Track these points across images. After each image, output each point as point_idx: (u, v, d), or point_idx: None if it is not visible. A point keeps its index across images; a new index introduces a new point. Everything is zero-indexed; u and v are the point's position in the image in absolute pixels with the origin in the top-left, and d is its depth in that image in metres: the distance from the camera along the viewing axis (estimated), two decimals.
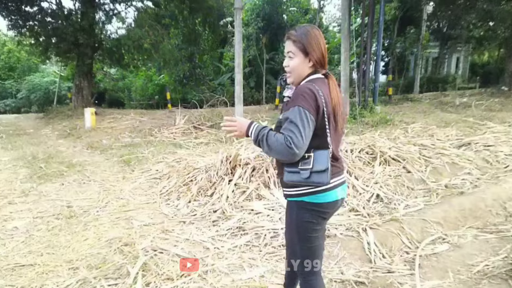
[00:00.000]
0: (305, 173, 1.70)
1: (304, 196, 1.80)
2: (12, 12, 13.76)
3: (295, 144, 1.61)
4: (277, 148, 1.66)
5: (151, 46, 12.72)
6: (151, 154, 7.46)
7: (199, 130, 9.67)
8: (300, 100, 1.67)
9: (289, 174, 1.76)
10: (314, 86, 1.72)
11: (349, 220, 3.95)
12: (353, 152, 5.70)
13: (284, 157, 1.67)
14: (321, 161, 1.70)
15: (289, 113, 1.68)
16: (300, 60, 1.80)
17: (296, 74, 1.83)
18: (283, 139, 1.63)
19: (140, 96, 20.22)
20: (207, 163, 5.54)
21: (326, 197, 1.79)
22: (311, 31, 1.80)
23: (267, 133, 1.71)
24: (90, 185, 5.57)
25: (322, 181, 1.70)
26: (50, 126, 11.94)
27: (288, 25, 19.81)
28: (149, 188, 5.44)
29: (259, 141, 1.73)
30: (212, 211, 4.35)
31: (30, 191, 5.32)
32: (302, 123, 1.63)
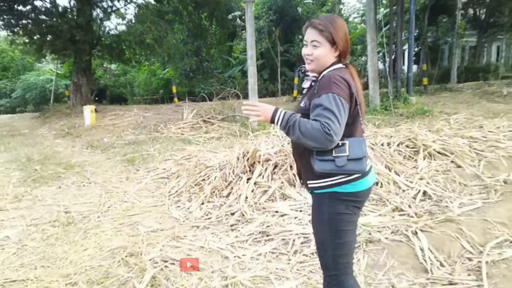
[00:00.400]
0: (341, 160, 1.72)
1: (338, 186, 1.79)
2: (4, 11, 13.84)
3: (334, 131, 1.62)
4: (312, 135, 1.65)
5: (154, 41, 12.57)
6: (157, 152, 7.22)
7: (209, 124, 9.41)
8: (334, 87, 1.70)
9: (321, 163, 1.75)
10: (343, 74, 1.77)
11: (393, 222, 3.62)
12: (390, 146, 5.35)
13: (320, 143, 1.66)
14: (357, 148, 1.74)
15: (323, 99, 1.69)
16: (326, 49, 1.83)
17: (319, 63, 1.86)
18: (320, 126, 1.63)
19: (143, 91, 20.10)
20: (221, 160, 5.25)
21: (362, 184, 1.81)
22: (337, 20, 1.85)
23: (299, 119, 1.71)
24: (90, 188, 5.34)
25: (360, 168, 1.74)
26: (47, 126, 11.83)
27: (304, 18, 19.84)
28: (156, 189, 5.18)
29: (289, 127, 1.71)
30: (229, 214, 4.07)
31: (23, 196, 5.12)
32: (338, 109, 1.66)
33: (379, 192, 4.20)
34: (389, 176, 4.55)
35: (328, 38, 1.81)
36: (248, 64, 8.74)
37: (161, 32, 12.70)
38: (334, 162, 1.72)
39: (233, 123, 9.46)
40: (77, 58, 13.80)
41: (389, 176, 4.54)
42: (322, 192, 1.85)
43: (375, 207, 3.97)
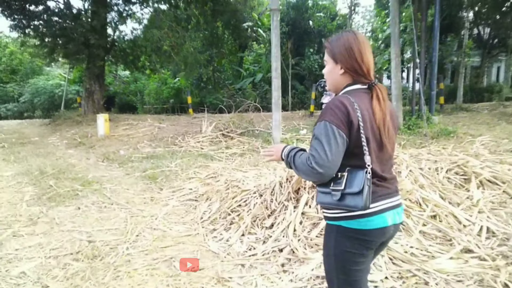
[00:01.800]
0: (337, 194, 1.60)
1: (342, 220, 1.66)
2: (15, 11, 13.43)
3: (317, 163, 1.54)
4: (301, 169, 1.63)
5: (171, 48, 12.09)
6: (179, 168, 6.69)
7: (228, 139, 8.89)
8: (328, 115, 1.59)
9: (321, 195, 1.68)
10: (348, 98, 1.62)
11: (470, 268, 3.07)
12: (438, 171, 4.81)
13: (311, 178, 1.63)
14: (355, 182, 1.57)
15: (316, 128, 1.62)
16: (330, 67, 1.76)
17: (329, 82, 1.81)
18: (305, 160, 1.59)
19: (154, 100, 19.63)
20: (257, 184, 4.71)
21: (371, 223, 1.62)
22: (344, 35, 1.73)
23: (294, 154, 1.71)
24: (112, 210, 4.79)
25: (356, 204, 1.56)
26: (58, 134, 11.32)
27: (315, 31, 19.53)
28: (186, 214, 4.64)
29: (289, 163, 1.73)
30: (277, 250, 3.52)
31: (39, 218, 4.57)
32: (327, 139, 1.55)
33: (442, 228, 3.65)
34: (447, 208, 4.01)
35: (330, 54, 1.74)
36: (273, 76, 8.24)
37: (178, 39, 12.21)
38: (331, 196, 1.62)
39: (253, 138, 8.94)
40: (90, 63, 13.33)
41: (447, 209, 4.00)
42: (331, 224, 1.74)
43: (441, 246, 3.42)
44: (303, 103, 18.34)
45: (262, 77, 19.94)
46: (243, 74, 21.36)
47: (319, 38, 20.02)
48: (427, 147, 7.30)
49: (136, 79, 22.31)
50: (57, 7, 13.92)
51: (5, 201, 5.22)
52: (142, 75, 21.72)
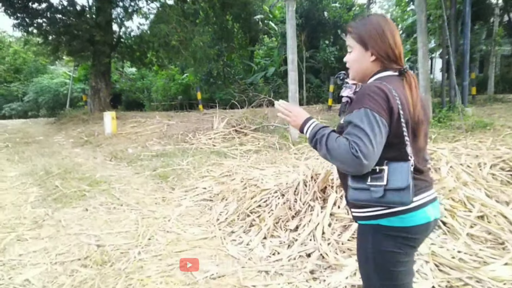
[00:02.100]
0: (378, 191, 1.45)
1: (382, 218, 1.54)
2: (18, 9, 13.40)
3: (364, 154, 1.37)
4: (339, 155, 1.43)
5: (180, 43, 11.88)
6: (191, 166, 6.48)
7: (242, 135, 8.66)
8: (367, 101, 1.46)
9: (355, 192, 1.52)
10: (384, 84, 1.50)
11: None
12: (481, 167, 4.52)
13: (349, 167, 1.44)
14: (399, 176, 1.45)
15: (353, 116, 1.47)
16: (358, 53, 1.64)
17: (355, 69, 1.68)
18: (348, 146, 1.40)
19: (161, 97, 19.50)
20: (278, 183, 4.47)
21: (414, 218, 1.52)
22: (373, 19, 1.64)
23: (328, 134, 1.51)
24: (122, 211, 4.60)
25: (402, 201, 1.44)
26: (63, 133, 11.22)
27: (330, 22, 19.21)
28: (201, 215, 4.42)
29: (316, 141, 1.54)
30: (304, 255, 3.28)
31: (44, 220, 4.40)
32: (371, 127, 1.41)
33: (492, 229, 3.37)
34: (495, 208, 3.72)
35: (358, 40, 1.62)
36: (289, 69, 7.99)
37: (187, 34, 12.00)
38: (369, 192, 1.47)
39: (268, 134, 8.70)
40: (96, 61, 13.22)
41: (495, 208, 3.71)
42: (365, 224, 1.61)
43: (493, 251, 3.14)
44: (318, 97, 18.05)
45: (275, 71, 19.69)
46: (254, 68, 21.12)
47: (334, 29, 19.68)
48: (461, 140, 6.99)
49: (143, 76, 22.21)
50: (60, 4, 13.87)
51: (8, 202, 5.06)
52: (149, 72, 21.63)
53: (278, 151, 7.28)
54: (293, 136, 7.76)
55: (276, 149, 7.42)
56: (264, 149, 7.43)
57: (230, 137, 8.54)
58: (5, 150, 9.09)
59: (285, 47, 20.17)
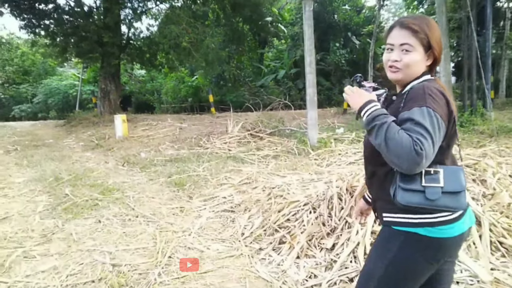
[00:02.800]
0: (434, 192, 1.36)
1: (422, 227, 1.42)
2: (24, 10, 13.11)
3: (426, 152, 1.29)
4: (398, 148, 1.31)
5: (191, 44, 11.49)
6: (208, 173, 6.09)
7: (258, 139, 8.26)
8: (429, 101, 1.38)
9: (406, 194, 1.39)
10: (440, 88, 1.46)
11: None
12: None
13: (403, 162, 1.31)
14: (455, 179, 1.39)
15: (414, 113, 1.36)
16: (419, 55, 1.52)
17: (409, 72, 1.54)
18: (411, 141, 1.29)
19: (171, 99, 19.16)
20: (307, 194, 4.05)
21: (455, 228, 1.43)
22: (431, 20, 1.55)
23: (390, 121, 1.37)
24: (138, 223, 4.21)
25: (458, 205, 1.38)
26: (73, 136, 10.88)
27: (341, 24, 18.82)
28: (224, 228, 4.02)
29: (375, 127, 1.39)
30: (347, 280, 2.87)
31: (53, 233, 4.02)
32: (433, 127, 1.33)
33: None
34: None
35: (423, 41, 1.51)
36: (307, 72, 7.58)
37: (198, 35, 11.62)
38: (424, 194, 1.37)
39: (285, 138, 8.30)
40: (105, 62, 12.88)
41: None
42: (399, 229, 1.48)
43: None
44: (329, 99, 17.65)
45: (285, 73, 19.30)
46: (264, 71, 20.75)
47: (344, 32, 19.28)
48: (487, 146, 6.56)
49: (152, 78, 21.90)
50: (68, 4, 13.56)
51: (15, 212, 4.70)
52: (158, 74, 21.31)
53: (297, 157, 6.87)
54: (311, 141, 7.36)
55: (295, 154, 7.01)
56: (283, 154, 7.03)
57: (246, 141, 8.15)
58: (13, 153, 8.76)
59: (295, 49, 19.92)
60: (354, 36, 19.24)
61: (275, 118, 9.37)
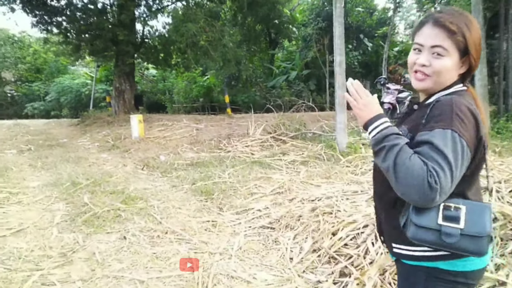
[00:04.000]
0: (453, 234, 1.10)
1: (441, 261, 1.21)
2: (36, 7, 12.54)
3: (442, 187, 1.05)
4: (408, 177, 1.06)
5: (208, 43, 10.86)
6: (235, 180, 5.50)
7: (281, 143, 7.66)
8: (456, 122, 1.11)
9: (418, 230, 1.14)
10: (470, 103, 1.18)
11: None
12: None
13: (414, 196, 1.07)
14: (479, 220, 1.12)
15: (435, 135, 1.11)
16: (454, 62, 1.23)
17: (439, 80, 1.26)
18: (425, 171, 1.05)
19: (183, 99, 18.57)
20: (365, 213, 3.43)
21: (476, 261, 1.20)
22: (474, 21, 1.25)
23: (402, 145, 1.13)
24: (168, 242, 3.61)
25: (478, 250, 1.11)
26: (88, 135, 10.31)
27: (353, 26, 18.20)
28: (267, 251, 3.42)
29: (383, 148, 1.15)
30: None
31: (74, 251, 3.44)
32: (455, 157, 1.08)
33: None
34: None
35: (460, 45, 1.21)
36: (336, 72, 6.95)
37: (216, 34, 10.98)
38: (440, 234, 1.11)
39: (309, 142, 7.68)
40: (119, 61, 12.28)
41: None
42: (415, 265, 1.24)
43: None
44: None
45: (296, 75, 18.69)
46: (275, 72, 20.13)
47: (357, 33, 18.65)
48: None
49: (164, 78, 21.31)
50: (81, 1, 12.97)
51: (31, 224, 4.11)
52: (170, 74, 20.74)
53: (326, 163, 6.26)
54: (340, 146, 6.74)
55: (324, 160, 6.41)
56: (311, 160, 6.42)
57: (268, 145, 7.54)
58: (27, 154, 8.20)
59: (306, 50, 19.29)
60: (366, 38, 18.59)
61: (296, 121, 8.75)
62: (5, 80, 25.22)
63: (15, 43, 25.71)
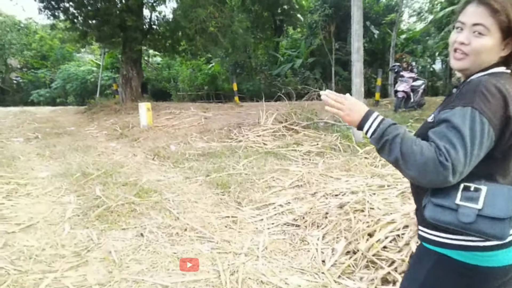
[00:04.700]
0: (469, 214, 1.03)
1: (454, 249, 1.12)
2: None
3: (454, 166, 0.98)
4: (418, 162, 1.02)
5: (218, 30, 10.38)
6: (250, 171, 5.19)
7: (293, 132, 7.32)
8: (478, 100, 1.04)
9: (435, 209, 1.09)
10: (502, 83, 1.08)
11: None
12: None
13: (427, 178, 1.02)
14: (499, 203, 1.02)
15: (454, 113, 1.05)
16: (494, 41, 1.13)
17: (477, 60, 1.15)
18: (434, 151, 1.01)
19: (188, 87, 18.16)
20: (404, 213, 3.11)
21: (497, 257, 1.09)
22: None
23: (403, 133, 1.09)
24: (188, 240, 3.31)
25: (497, 234, 1.02)
26: (95, 123, 9.97)
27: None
28: (296, 252, 3.12)
29: (386, 143, 1.10)
30: None
31: (88, 250, 3.15)
32: (472, 135, 1.01)
33: None
34: None
35: (503, 25, 1.10)
36: (353, 59, 6.58)
37: (225, 20, 10.50)
38: (457, 214, 1.04)
39: (321, 132, 7.34)
40: (127, 48, 11.83)
41: None
42: (429, 249, 1.18)
43: None
44: (348, 90, 16.58)
45: (302, 63, 18.22)
46: (280, 59, 19.64)
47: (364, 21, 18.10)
48: None
49: (169, 66, 20.84)
50: None
51: (41, 219, 3.82)
52: (175, 61, 20.27)
53: (343, 154, 5.95)
54: (357, 136, 6.42)
55: (340, 151, 6.09)
56: (327, 151, 6.09)
57: (280, 135, 7.21)
58: (34, 142, 7.88)
59: (311, 38, 18.76)
60: (373, 25, 18.07)
61: (306, 109, 8.39)
62: (11, 67, 24.76)
63: (21, 30, 25.15)
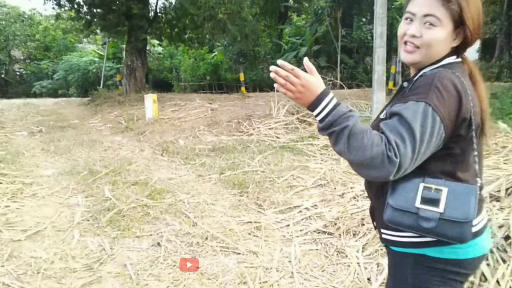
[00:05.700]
0: (430, 218, 0.97)
1: (429, 247, 1.06)
2: None
3: (401, 162, 0.92)
4: (365, 155, 0.93)
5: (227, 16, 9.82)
6: (266, 168, 4.79)
7: (306, 125, 6.91)
8: (432, 95, 0.98)
9: (396, 213, 1.03)
10: (458, 77, 1.02)
11: None
12: None
13: (371, 172, 0.95)
14: (461, 204, 0.97)
15: (406, 108, 0.98)
16: (446, 33, 1.06)
17: (429, 53, 1.09)
18: (384, 145, 0.93)
19: (190, 77, 17.60)
20: None
21: (471, 249, 1.06)
22: None
23: (355, 124, 0.97)
24: (211, 250, 2.92)
25: (460, 236, 0.97)
26: (99, 116, 9.53)
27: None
28: (334, 267, 2.73)
29: (335, 132, 0.98)
30: None
31: (101, 263, 2.77)
32: (422, 131, 0.95)
33: None
34: None
35: (454, 15, 1.04)
36: (376, 45, 6.09)
37: (234, 6, 9.91)
38: (417, 217, 0.99)
39: None
40: (132, 37, 11.29)
41: None
42: (403, 252, 1.11)
43: None
44: (353, 78, 16.11)
45: (307, 51, 17.65)
46: (284, 47, 19.01)
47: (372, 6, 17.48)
48: None
49: (171, 55, 20.22)
50: None
51: (48, 223, 3.43)
52: (177, 51, 19.65)
53: None
54: None
55: None
56: None
57: (294, 127, 6.80)
58: (38, 136, 7.47)
59: (317, 25, 18.14)
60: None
61: None
62: (15, 58, 24.15)
63: (25, 21, 24.48)
